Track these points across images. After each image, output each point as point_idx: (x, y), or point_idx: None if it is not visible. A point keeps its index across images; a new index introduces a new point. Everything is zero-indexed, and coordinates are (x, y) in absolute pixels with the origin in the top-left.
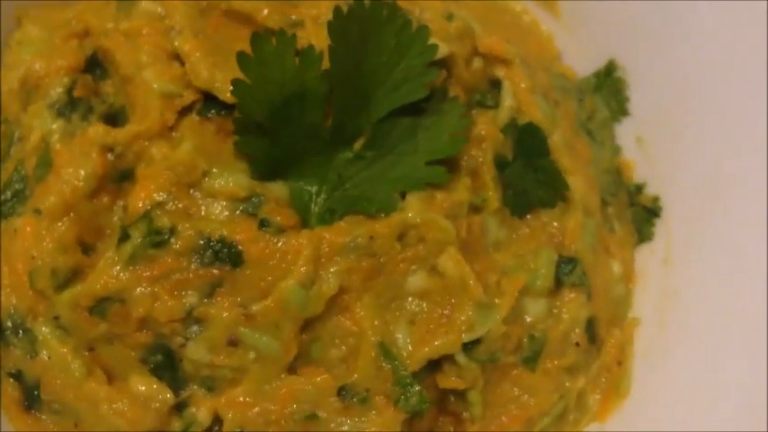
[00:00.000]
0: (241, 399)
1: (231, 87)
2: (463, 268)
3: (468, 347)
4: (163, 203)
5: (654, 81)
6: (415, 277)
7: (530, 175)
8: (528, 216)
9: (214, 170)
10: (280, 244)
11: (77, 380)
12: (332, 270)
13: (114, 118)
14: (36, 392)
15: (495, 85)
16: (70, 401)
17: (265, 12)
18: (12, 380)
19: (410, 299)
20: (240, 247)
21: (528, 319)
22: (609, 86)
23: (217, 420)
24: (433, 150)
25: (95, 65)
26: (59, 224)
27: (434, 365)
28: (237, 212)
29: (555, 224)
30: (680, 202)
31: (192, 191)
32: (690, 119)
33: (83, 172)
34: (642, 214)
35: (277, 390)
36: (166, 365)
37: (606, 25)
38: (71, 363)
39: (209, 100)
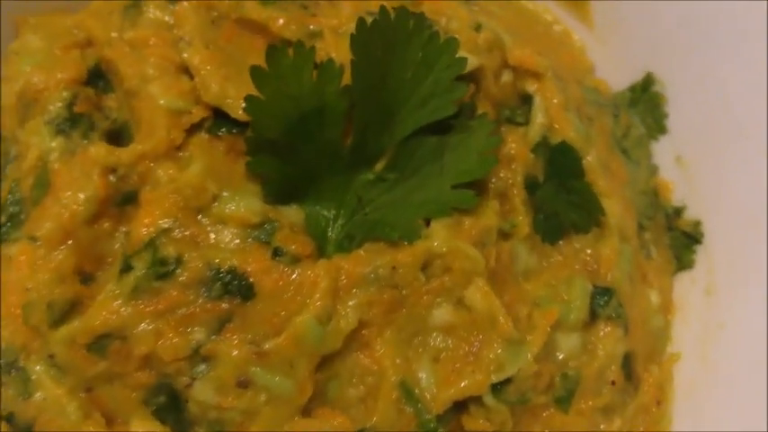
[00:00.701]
0: None
1: (244, 104)
2: (492, 301)
3: (497, 388)
4: (169, 230)
5: (694, 96)
6: (440, 311)
7: (562, 198)
8: (560, 242)
9: (224, 194)
10: (294, 275)
11: (74, 423)
12: (350, 303)
13: (117, 135)
14: None
15: (526, 100)
16: None
17: (281, 21)
18: (3, 422)
19: (434, 334)
20: (251, 279)
21: (560, 356)
22: (646, 102)
23: None
24: (460, 172)
25: (98, 77)
26: (56, 253)
27: (460, 407)
28: (249, 240)
29: (589, 251)
30: (723, 227)
31: (200, 216)
32: (733, 137)
33: (82, 195)
34: (682, 240)
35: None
36: (170, 407)
37: (643, 36)
38: (67, 405)
39: (219, 117)
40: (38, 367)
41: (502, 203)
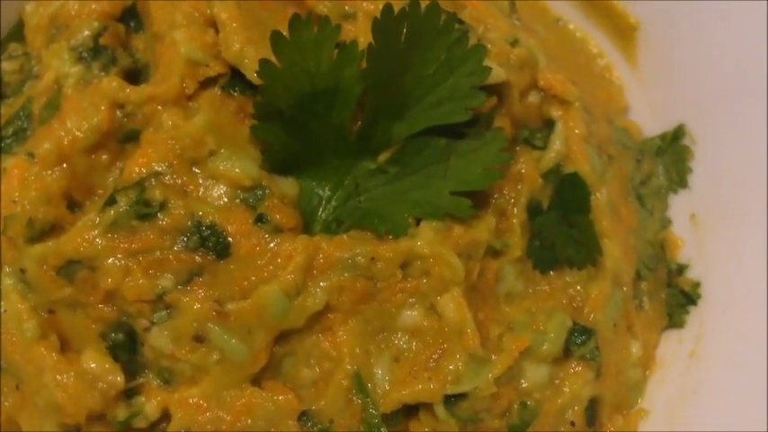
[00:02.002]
0: (195, 400)
1: (258, 67)
2: (464, 314)
3: (451, 401)
4: (160, 174)
5: (722, 157)
6: (411, 312)
7: (563, 230)
8: (551, 273)
9: (222, 151)
10: (272, 244)
11: (28, 341)
12: (322, 284)
13: (136, 75)
14: None
15: (548, 125)
16: (16, 361)
17: None
18: None
19: (400, 334)
20: (229, 239)
21: (524, 384)
22: (673, 153)
23: (165, 417)
24: (462, 180)
25: (132, 16)
26: (50, 173)
27: (410, 411)
28: (236, 201)
29: (578, 287)
30: (722, 294)
31: (194, 168)
32: (753, 207)
33: (86, 124)
34: (678, 298)
35: (235, 399)
36: (126, 347)
37: (684, 87)
38: (26, 321)
39: (236, 77)
40: (7, 279)
41: (499, 221)
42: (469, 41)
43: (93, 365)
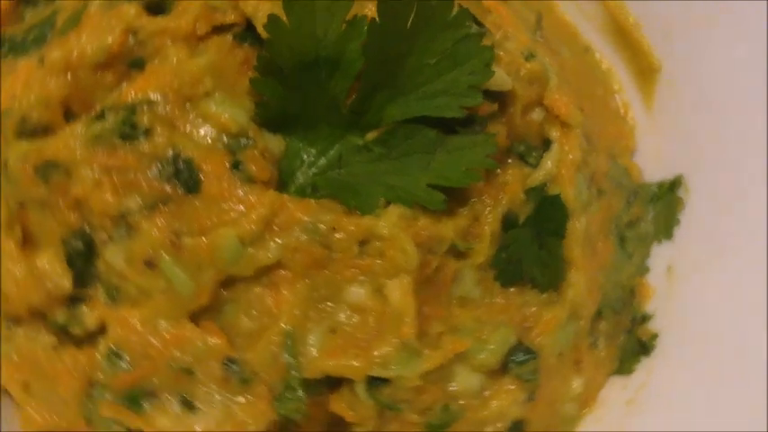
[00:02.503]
0: (133, 321)
1: (265, 20)
2: (408, 302)
3: (375, 384)
4: (153, 103)
5: (711, 217)
6: (358, 289)
7: (533, 249)
8: (511, 289)
9: (217, 95)
10: (241, 192)
11: None
12: (278, 240)
13: (157, 7)
14: None
15: (546, 145)
16: None
17: None
18: None
19: (343, 307)
20: (201, 177)
21: (453, 388)
22: (666, 202)
23: (100, 332)
24: (442, 175)
25: None
26: (54, 79)
27: (334, 385)
28: (218, 144)
29: (533, 309)
30: (675, 351)
31: (187, 105)
32: (729, 272)
33: (99, 42)
34: (633, 345)
35: (170, 330)
36: (82, 256)
37: (692, 139)
38: None
39: (251, 30)
40: None
41: (472, 225)
42: (490, 47)
43: (46, 264)
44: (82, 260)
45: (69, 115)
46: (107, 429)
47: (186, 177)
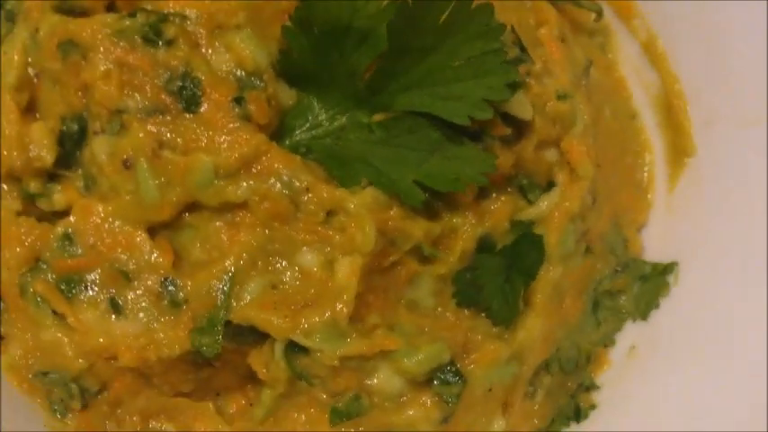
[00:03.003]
0: (95, 212)
1: None
2: (352, 281)
3: (295, 351)
4: (186, 18)
5: (691, 312)
6: (311, 256)
7: (498, 280)
8: (465, 311)
9: (247, 31)
10: (233, 125)
11: (5, 84)
12: (251, 182)
13: None
14: None
15: (548, 188)
16: None
17: None
18: None
19: (293, 266)
20: (202, 99)
21: (370, 382)
22: (653, 284)
23: (63, 214)
24: (429, 175)
25: None
26: None
27: (259, 339)
28: (230, 77)
29: (479, 337)
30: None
31: (216, 31)
32: (688, 370)
33: None
34: (568, 410)
35: (124, 232)
36: (73, 139)
37: (701, 234)
38: (14, 68)
39: None
40: (24, 32)
41: (447, 236)
42: (516, 69)
43: (36, 133)
44: (71, 143)
45: (111, 8)
46: (35, 306)
47: (188, 95)
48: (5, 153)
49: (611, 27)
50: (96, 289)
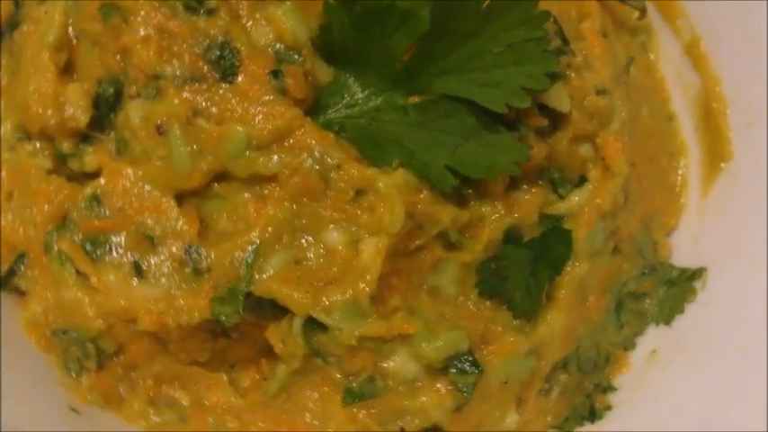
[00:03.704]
0: (125, 175)
1: None
2: (377, 262)
3: (313, 327)
4: None
5: (715, 320)
6: (337, 234)
7: (523, 272)
8: (487, 302)
9: (288, 4)
10: (268, 98)
11: (45, 44)
12: (282, 156)
13: None
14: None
15: (581, 183)
16: (26, 57)
17: None
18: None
19: (318, 243)
20: (239, 70)
21: (386, 365)
22: (679, 289)
23: (93, 176)
24: (462, 161)
25: None
26: None
27: (278, 313)
28: (269, 50)
29: (499, 329)
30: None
31: (257, 4)
32: (708, 379)
33: None
34: (584, 410)
35: (151, 200)
36: (108, 102)
37: (732, 241)
38: (54, 27)
39: None
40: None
41: (473, 224)
42: (556, 59)
43: (72, 94)
44: (106, 106)
45: None
46: (58, 264)
47: (226, 65)
48: (40, 111)
49: (654, 26)
50: (121, 251)
